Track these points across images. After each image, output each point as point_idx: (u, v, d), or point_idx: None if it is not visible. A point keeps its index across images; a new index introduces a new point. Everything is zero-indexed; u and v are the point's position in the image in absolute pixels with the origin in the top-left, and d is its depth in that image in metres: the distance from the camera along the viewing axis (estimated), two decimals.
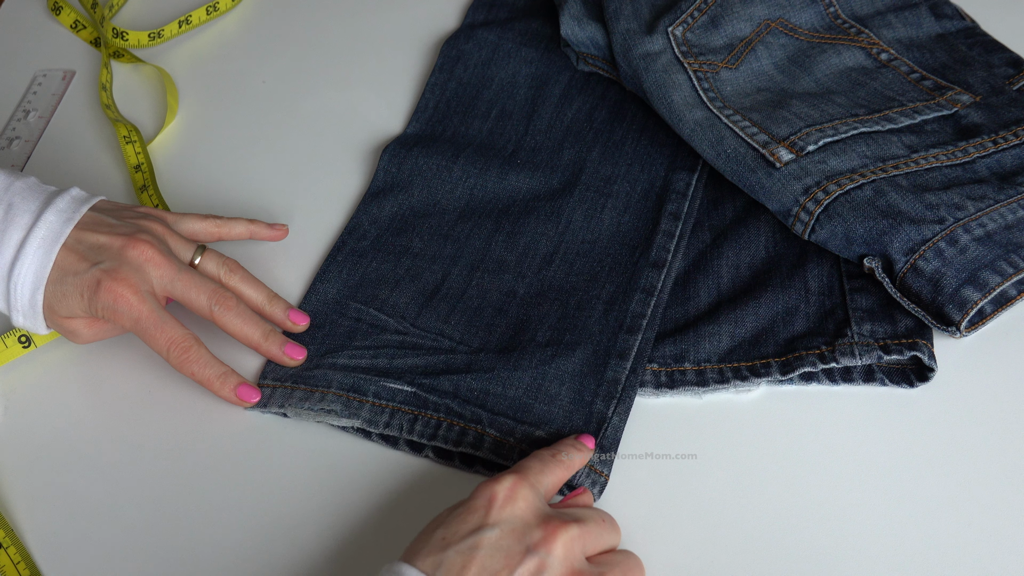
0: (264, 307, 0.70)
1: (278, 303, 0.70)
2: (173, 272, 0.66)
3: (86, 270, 0.64)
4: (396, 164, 0.80)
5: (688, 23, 0.83)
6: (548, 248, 0.74)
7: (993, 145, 0.74)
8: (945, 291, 0.67)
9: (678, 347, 0.69)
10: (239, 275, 0.69)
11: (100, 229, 0.66)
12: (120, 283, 0.64)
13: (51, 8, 0.96)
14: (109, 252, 0.65)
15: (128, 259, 0.65)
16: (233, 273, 0.69)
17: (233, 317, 0.67)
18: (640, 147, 0.81)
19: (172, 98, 0.87)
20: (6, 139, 0.86)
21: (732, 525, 0.61)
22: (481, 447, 0.64)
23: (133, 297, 0.64)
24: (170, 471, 0.65)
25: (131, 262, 0.65)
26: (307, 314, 0.71)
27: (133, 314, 0.65)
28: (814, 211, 0.70)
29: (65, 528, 0.63)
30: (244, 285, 0.69)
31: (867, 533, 0.61)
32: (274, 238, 0.75)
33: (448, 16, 0.93)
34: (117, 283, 0.64)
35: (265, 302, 0.70)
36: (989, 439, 0.64)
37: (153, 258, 0.65)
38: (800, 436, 0.65)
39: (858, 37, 0.83)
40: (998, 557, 0.59)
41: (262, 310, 0.70)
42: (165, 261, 0.66)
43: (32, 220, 0.65)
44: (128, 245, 0.65)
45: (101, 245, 0.65)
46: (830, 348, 0.67)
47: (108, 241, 0.66)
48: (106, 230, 0.66)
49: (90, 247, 0.65)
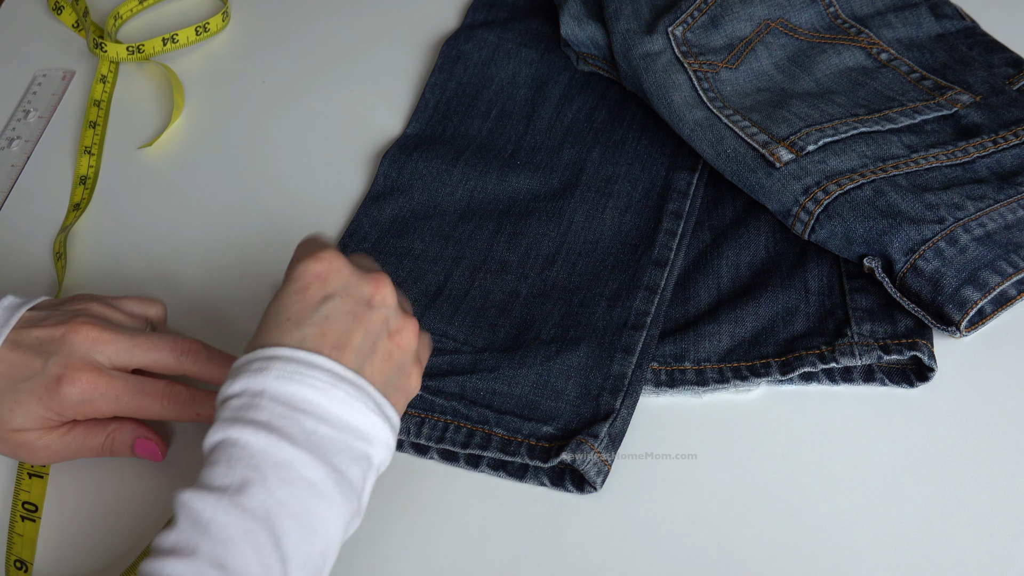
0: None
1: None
2: (127, 340, 0.61)
3: (40, 371, 0.59)
4: (396, 168, 0.80)
5: (688, 23, 0.83)
6: (550, 248, 0.74)
7: (993, 145, 0.74)
8: (945, 291, 0.67)
9: (678, 346, 0.69)
10: (157, 309, 0.66)
11: (36, 324, 0.61)
12: (82, 371, 0.59)
13: (52, 8, 0.96)
14: (52, 344, 0.60)
15: (75, 345, 0.60)
16: (152, 306, 0.66)
17: (205, 362, 0.63)
18: (640, 147, 0.81)
19: (178, 95, 0.87)
20: (6, 139, 0.86)
21: (732, 525, 0.62)
22: (488, 447, 0.64)
23: (101, 378, 0.60)
24: (171, 471, 0.65)
25: (79, 347, 0.60)
26: None
27: (110, 394, 0.60)
28: (814, 211, 0.70)
29: (65, 528, 0.63)
30: (164, 320, 0.66)
31: (867, 533, 0.61)
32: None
33: (448, 16, 0.93)
34: (79, 372, 0.59)
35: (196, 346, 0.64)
36: (989, 439, 0.64)
37: (100, 336, 0.60)
38: (800, 436, 0.65)
39: (858, 37, 0.83)
40: (998, 557, 0.59)
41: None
42: (113, 334, 0.61)
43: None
44: (70, 331, 0.60)
45: (41, 340, 0.60)
46: (830, 348, 0.67)
47: (47, 334, 0.60)
48: (42, 323, 0.61)
49: (31, 344, 0.60)
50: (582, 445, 0.62)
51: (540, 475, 0.64)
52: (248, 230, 0.79)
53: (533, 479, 0.64)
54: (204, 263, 0.77)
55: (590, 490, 0.63)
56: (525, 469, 0.64)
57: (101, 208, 0.81)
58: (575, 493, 0.63)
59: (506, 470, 0.64)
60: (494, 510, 0.63)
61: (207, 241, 0.78)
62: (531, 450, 0.64)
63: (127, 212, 0.80)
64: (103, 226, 0.79)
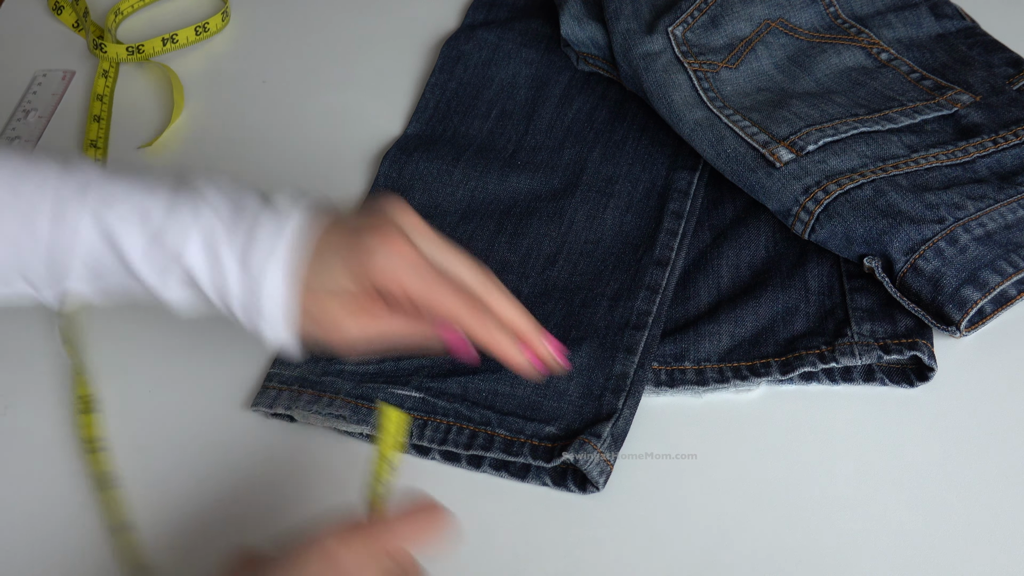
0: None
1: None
2: (438, 243, 0.58)
3: (350, 236, 0.56)
4: (396, 168, 0.80)
5: (688, 23, 0.83)
6: (551, 248, 0.74)
7: (993, 145, 0.74)
8: (945, 291, 0.67)
9: (678, 346, 0.69)
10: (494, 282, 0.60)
11: (350, 219, 0.58)
12: (394, 236, 0.56)
13: (52, 8, 0.96)
14: (368, 226, 0.56)
15: (394, 216, 0.57)
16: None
17: (505, 296, 0.58)
18: (641, 147, 0.81)
19: (179, 95, 0.87)
20: (6, 139, 0.86)
21: (732, 525, 0.62)
22: (491, 447, 0.64)
23: (411, 249, 0.56)
24: (172, 472, 0.65)
25: (397, 218, 0.57)
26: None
27: (416, 267, 0.56)
28: (814, 211, 0.70)
29: (65, 529, 0.63)
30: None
31: (867, 533, 0.61)
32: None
33: (448, 16, 0.93)
34: (391, 236, 0.56)
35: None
36: (989, 439, 0.64)
37: (416, 222, 0.58)
38: (800, 436, 0.65)
39: (858, 37, 0.83)
40: (998, 557, 0.60)
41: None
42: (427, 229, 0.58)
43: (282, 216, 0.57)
44: (388, 216, 0.57)
45: (357, 224, 0.57)
46: (830, 348, 0.67)
47: (363, 220, 0.57)
48: (358, 216, 0.58)
49: (346, 227, 0.57)
50: (585, 445, 0.62)
51: (542, 475, 0.64)
52: None
53: (535, 479, 0.64)
54: None
55: (592, 490, 0.63)
56: (527, 469, 0.64)
57: None
58: (577, 493, 0.63)
59: (508, 470, 0.64)
60: (495, 510, 0.63)
61: None
62: (534, 450, 0.64)
63: None
64: None
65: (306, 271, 0.56)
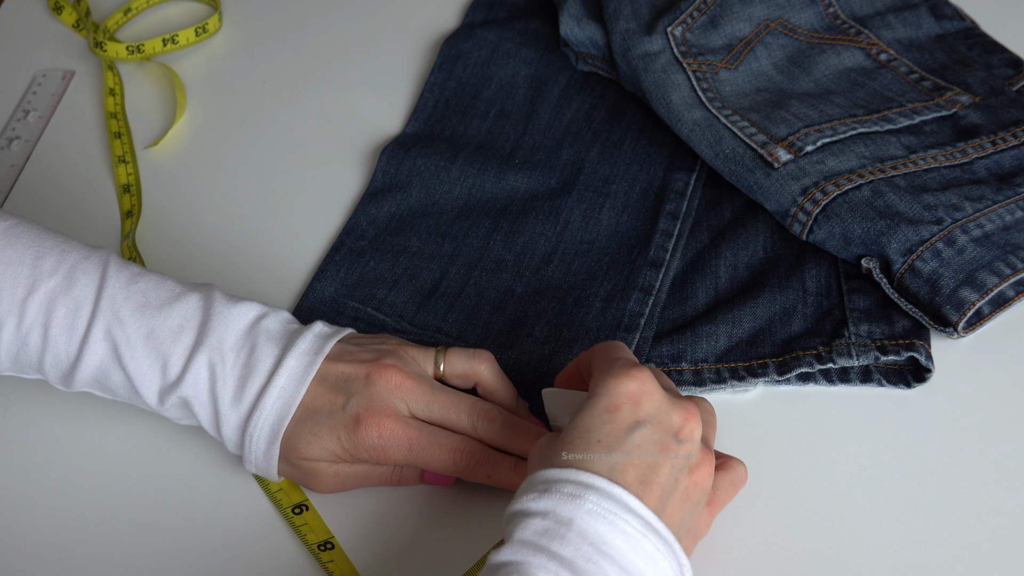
0: (512, 407, 0.64)
1: (522, 405, 0.65)
2: (428, 394, 0.61)
3: (341, 408, 0.59)
4: (395, 165, 0.80)
5: (687, 23, 0.83)
6: (546, 248, 0.74)
7: (992, 146, 0.74)
8: (943, 292, 0.67)
9: (675, 347, 0.69)
10: (487, 364, 0.63)
11: (343, 358, 0.61)
12: (381, 416, 0.59)
13: (52, 8, 0.96)
14: (356, 383, 0.60)
15: (378, 388, 0.60)
16: (482, 362, 0.63)
17: (501, 429, 0.61)
18: (639, 147, 0.81)
19: (180, 94, 0.87)
20: (6, 139, 0.86)
21: (731, 525, 0.61)
22: None
23: (398, 426, 0.59)
24: (171, 471, 0.65)
25: (382, 390, 0.60)
26: None
27: (404, 443, 0.59)
28: (812, 211, 0.70)
29: (65, 528, 0.63)
30: (494, 379, 0.64)
31: (864, 533, 0.61)
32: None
33: (448, 16, 0.93)
34: (378, 416, 0.59)
35: (513, 402, 0.64)
36: (986, 440, 0.64)
37: (403, 383, 0.60)
38: (797, 436, 0.65)
39: (857, 37, 0.83)
40: (996, 558, 0.59)
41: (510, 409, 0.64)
42: (416, 384, 0.60)
43: (272, 365, 0.60)
44: (374, 373, 0.60)
45: (346, 376, 0.60)
46: (827, 349, 0.67)
47: (353, 371, 0.60)
48: (349, 358, 0.61)
49: (336, 379, 0.60)
50: None
51: None
52: (249, 227, 0.79)
53: None
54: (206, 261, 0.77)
55: None
56: None
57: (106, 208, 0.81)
58: None
59: None
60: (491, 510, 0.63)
61: (208, 240, 0.78)
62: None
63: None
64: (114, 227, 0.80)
65: (292, 432, 0.60)
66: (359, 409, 0.59)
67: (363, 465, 0.61)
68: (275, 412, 0.60)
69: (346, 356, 0.61)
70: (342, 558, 0.60)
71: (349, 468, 0.61)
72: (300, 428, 0.60)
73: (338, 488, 0.62)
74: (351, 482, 0.62)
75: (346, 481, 0.62)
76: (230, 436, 0.61)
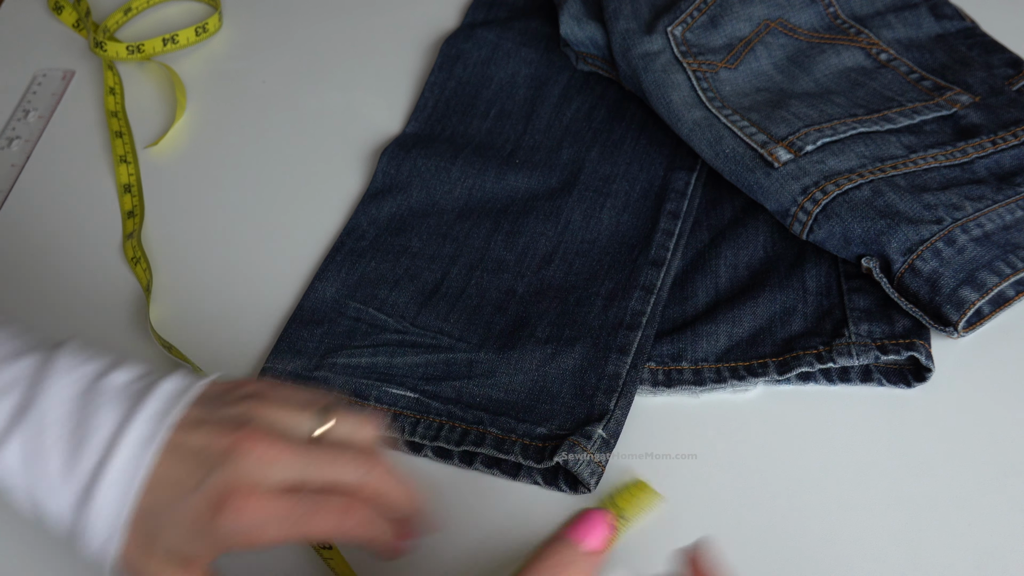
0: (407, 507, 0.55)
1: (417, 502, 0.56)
2: (301, 458, 0.51)
3: (195, 486, 0.49)
4: (395, 166, 0.80)
5: (687, 23, 0.83)
6: (547, 248, 0.74)
7: (992, 146, 0.74)
8: (943, 291, 0.67)
9: (675, 346, 0.69)
10: (375, 434, 0.55)
11: (200, 425, 0.51)
12: (246, 497, 0.49)
13: (52, 8, 0.96)
14: (214, 457, 0.50)
15: (240, 464, 0.50)
16: (369, 430, 0.54)
17: (390, 478, 0.53)
18: (639, 146, 0.81)
19: (180, 94, 0.87)
20: (6, 139, 0.86)
21: (732, 525, 0.62)
22: (483, 444, 0.64)
23: (269, 503, 0.49)
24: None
25: (245, 467, 0.50)
26: None
27: (275, 519, 0.49)
28: (812, 211, 0.70)
29: None
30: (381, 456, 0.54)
31: (865, 533, 0.61)
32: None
33: (448, 16, 0.93)
34: (243, 499, 0.49)
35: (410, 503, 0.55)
36: (986, 439, 0.64)
37: (268, 453, 0.50)
38: (797, 436, 0.65)
39: (857, 37, 0.83)
40: (996, 557, 0.59)
41: None
42: (283, 450, 0.50)
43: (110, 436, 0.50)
44: (237, 444, 0.50)
45: (203, 448, 0.50)
46: (827, 348, 0.67)
47: (210, 442, 0.50)
48: (206, 426, 0.51)
49: (189, 452, 0.50)
50: (575, 446, 0.62)
51: (534, 474, 0.64)
52: (249, 227, 0.79)
53: (527, 478, 0.64)
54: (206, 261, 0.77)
55: (584, 491, 0.63)
56: (519, 468, 0.64)
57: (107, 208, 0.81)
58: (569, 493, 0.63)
59: (500, 468, 0.64)
60: (487, 508, 0.63)
61: (208, 240, 0.78)
62: (525, 449, 0.64)
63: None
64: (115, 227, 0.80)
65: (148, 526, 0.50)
66: (219, 490, 0.49)
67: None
68: (113, 498, 0.50)
69: (202, 421, 0.51)
70: (340, 558, 0.60)
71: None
72: (155, 518, 0.50)
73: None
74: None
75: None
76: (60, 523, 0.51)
